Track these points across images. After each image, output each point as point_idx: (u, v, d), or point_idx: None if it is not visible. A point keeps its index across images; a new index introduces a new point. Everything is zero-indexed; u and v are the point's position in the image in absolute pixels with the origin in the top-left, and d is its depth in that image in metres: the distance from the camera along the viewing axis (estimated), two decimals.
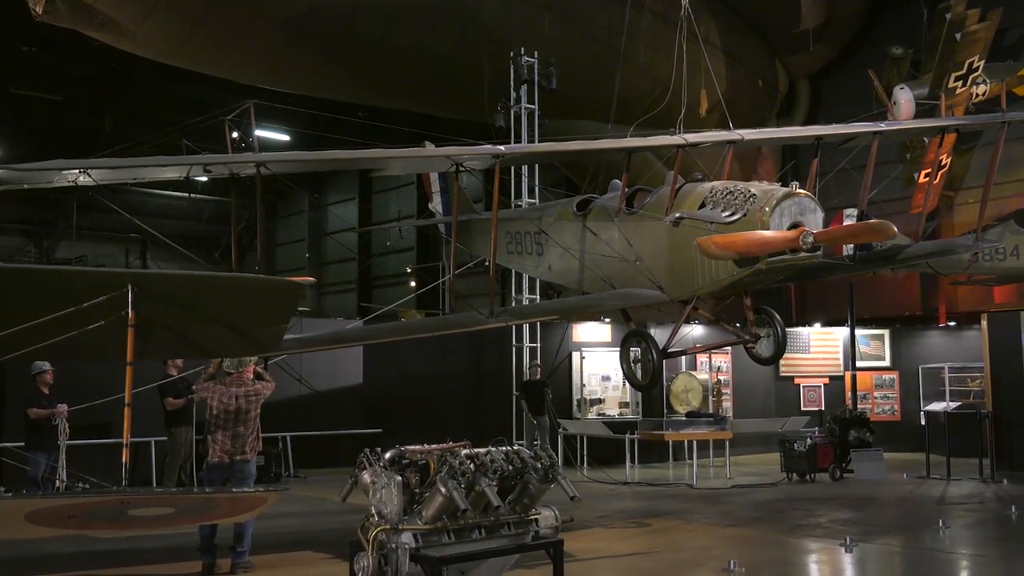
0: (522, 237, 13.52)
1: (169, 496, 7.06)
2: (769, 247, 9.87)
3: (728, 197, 10.39)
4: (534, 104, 20.56)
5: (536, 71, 20.50)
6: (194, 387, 10.66)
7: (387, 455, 6.85)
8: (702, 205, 10.65)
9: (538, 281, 19.36)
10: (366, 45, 21.39)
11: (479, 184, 28.18)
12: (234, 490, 7.73)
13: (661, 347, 11.54)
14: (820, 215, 10.19)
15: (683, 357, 20.28)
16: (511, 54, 20.47)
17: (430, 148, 15.55)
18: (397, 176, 36.99)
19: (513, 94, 20.59)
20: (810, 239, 9.71)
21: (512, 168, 19.97)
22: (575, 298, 13.54)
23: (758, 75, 28.55)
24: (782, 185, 10.42)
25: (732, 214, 10.19)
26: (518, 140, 20.43)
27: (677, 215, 10.76)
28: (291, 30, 20.31)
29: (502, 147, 11.20)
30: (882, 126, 12.21)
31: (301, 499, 15.43)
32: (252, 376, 10.40)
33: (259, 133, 33.10)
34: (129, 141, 34.67)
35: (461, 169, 10.83)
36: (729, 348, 17.07)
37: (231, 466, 10.13)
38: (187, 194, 33.77)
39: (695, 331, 19.97)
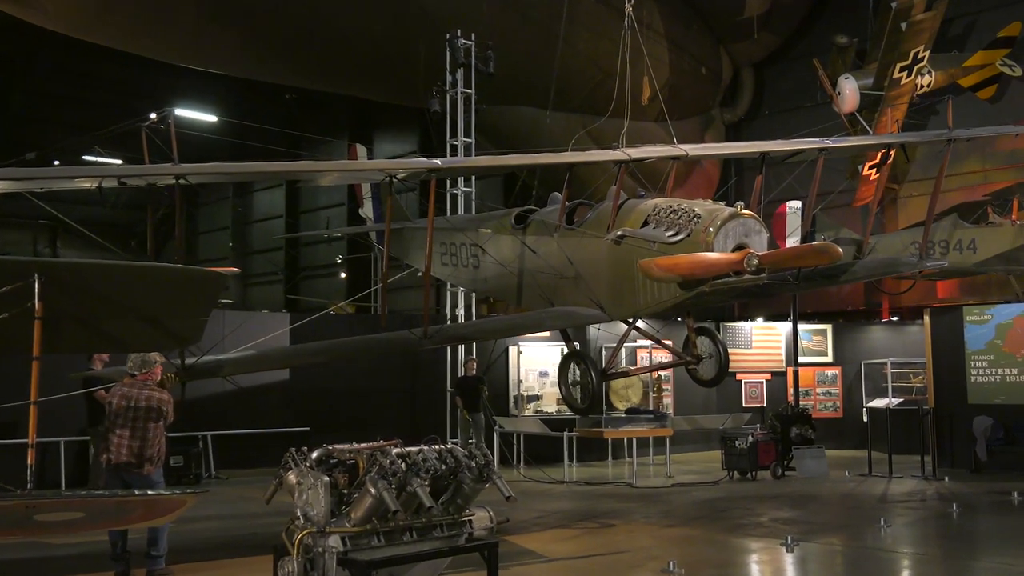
0: (458, 249, 13.46)
1: (78, 500, 6.88)
2: (713, 270, 9.94)
3: (672, 216, 10.45)
4: (471, 89, 20.47)
5: (473, 54, 20.40)
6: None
7: (314, 454, 6.79)
8: (645, 223, 10.71)
9: None
10: (294, 24, 21.11)
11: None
12: (150, 492, 7.57)
13: (600, 368, 11.62)
14: (765, 236, 10.29)
15: (623, 352, 20.40)
16: (447, 36, 20.34)
17: (363, 160, 15.39)
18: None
19: (449, 78, 20.46)
20: (755, 261, 9.78)
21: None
22: (512, 317, 13.58)
23: (702, 63, 28.86)
24: (726, 204, 10.52)
25: (676, 234, 10.27)
26: (454, 127, 20.35)
27: (619, 233, 10.81)
28: (212, 6, 19.95)
29: (438, 160, 11.14)
30: (828, 143, 12.39)
31: (222, 501, 15.20)
32: (158, 379, 10.08)
33: (183, 113, 32.61)
34: (37, 120, 33.87)
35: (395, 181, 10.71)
36: (669, 342, 17.30)
37: (130, 468, 9.68)
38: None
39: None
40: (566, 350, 12.47)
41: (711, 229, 10.01)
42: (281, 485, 6.78)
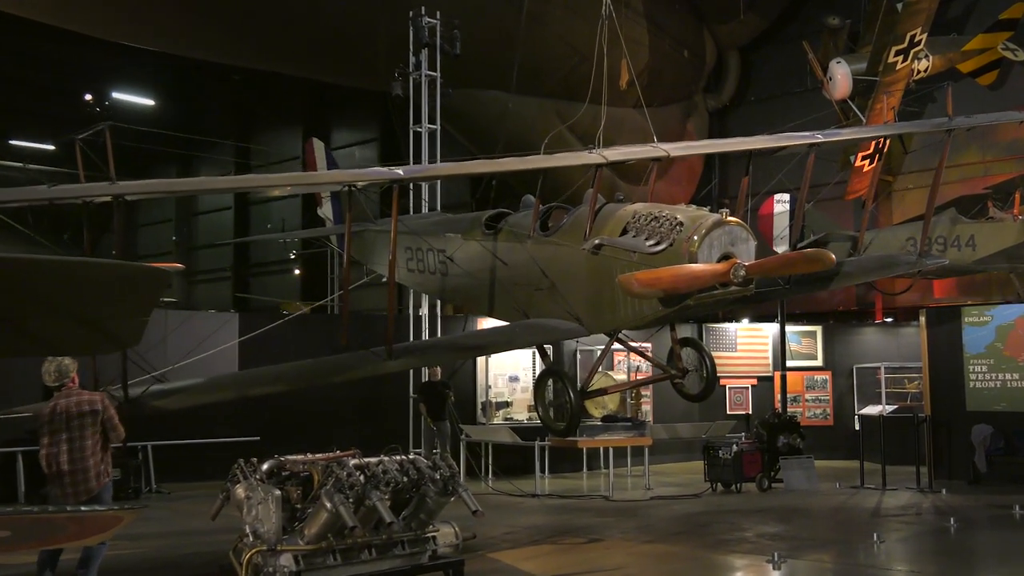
0: (424, 254, 13.41)
1: (3, 517, 6.78)
2: (697, 282, 9.90)
3: (653, 224, 10.42)
4: (436, 71, 20.41)
5: (438, 34, 20.35)
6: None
7: (264, 466, 6.76)
8: (624, 231, 10.68)
9: None
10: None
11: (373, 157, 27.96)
12: (83, 508, 7.48)
13: (579, 387, 11.62)
14: (752, 244, 10.25)
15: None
16: (410, 14, 20.26)
17: (321, 172, 15.29)
18: (279, 150, 36.54)
19: (412, 59, 20.39)
20: (742, 272, 9.75)
21: (412, 144, 19.93)
22: (484, 332, 13.53)
23: (684, 45, 28.96)
24: (711, 211, 10.52)
25: (657, 243, 10.24)
26: (417, 112, 20.29)
27: (596, 241, 10.79)
28: None
29: (399, 170, 11.06)
30: (819, 137, 12.45)
31: (163, 518, 15.11)
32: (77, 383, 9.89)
33: (119, 96, 32.29)
34: None
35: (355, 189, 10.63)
36: (648, 344, 17.35)
37: (61, 478, 9.33)
38: (21, 164, 32.47)
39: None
40: (541, 365, 12.45)
41: (695, 238, 9.95)
42: (228, 500, 6.75)
